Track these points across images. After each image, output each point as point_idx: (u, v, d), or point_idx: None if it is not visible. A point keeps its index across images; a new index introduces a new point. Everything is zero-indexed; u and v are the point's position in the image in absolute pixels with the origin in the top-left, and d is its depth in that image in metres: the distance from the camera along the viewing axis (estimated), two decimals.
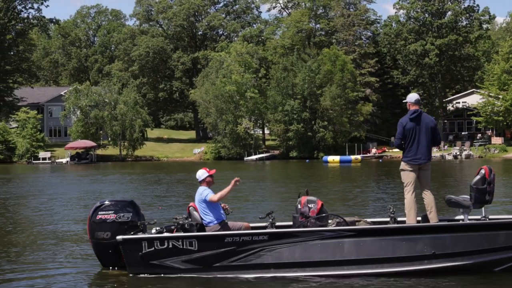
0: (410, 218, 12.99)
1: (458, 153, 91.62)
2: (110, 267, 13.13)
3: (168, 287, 11.98)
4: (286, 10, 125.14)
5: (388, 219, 13.47)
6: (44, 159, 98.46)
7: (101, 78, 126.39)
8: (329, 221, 13.22)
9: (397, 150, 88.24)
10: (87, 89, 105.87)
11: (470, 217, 13.26)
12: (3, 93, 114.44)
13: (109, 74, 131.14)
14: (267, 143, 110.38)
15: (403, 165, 13.22)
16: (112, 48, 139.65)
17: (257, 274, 12.36)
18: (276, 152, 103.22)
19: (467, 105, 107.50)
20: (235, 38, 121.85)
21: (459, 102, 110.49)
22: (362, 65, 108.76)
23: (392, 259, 12.33)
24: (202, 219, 12.98)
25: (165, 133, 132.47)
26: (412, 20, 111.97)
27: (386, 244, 12.32)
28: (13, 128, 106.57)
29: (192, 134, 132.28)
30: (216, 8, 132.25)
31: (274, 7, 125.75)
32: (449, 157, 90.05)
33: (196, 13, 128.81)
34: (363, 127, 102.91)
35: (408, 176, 13.16)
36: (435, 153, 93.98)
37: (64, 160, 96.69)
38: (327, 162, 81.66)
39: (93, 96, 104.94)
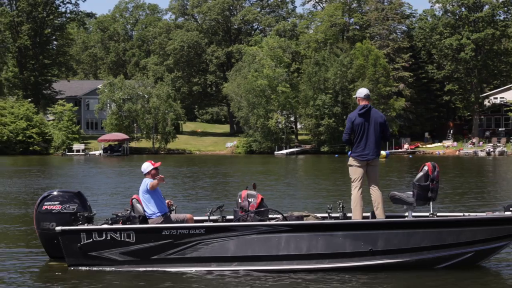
0: (356, 214, 12.96)
1: (491, 149, 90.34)
2: (55, 258, 13.24)
3: (103, 279, 12.06)
4: (321, 4, 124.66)
5: (338, 215, 13.44)
6: (78, 151, 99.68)
7: (138, 72, 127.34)
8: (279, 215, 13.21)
9: (430, 145, 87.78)
10: (121, 83, 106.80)
11: (416, 214, 13.19)
12: (41, 86, 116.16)
13: (145, 68, 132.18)
14: (299, 137, 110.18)
15: (351, 161, 13.19)
16: (149, 42, 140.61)
17: (194, 268, 12.44)
18: (308, 146, 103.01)
19: (504, 101, 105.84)
20: (270, 32, 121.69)
21: (496, 98, 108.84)
22: (395, 59, 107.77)
23: (328, 255, 12.31)
24: (144, 211, 13.04)
25: (199, 127, 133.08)
26: (448, 14, 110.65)
27: (322, 239, 12.29)
28: (50, 120, 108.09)
29: (226, 128, 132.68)
30: (251, 2, 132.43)
31: (308, 1, 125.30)
32: (482, 154, 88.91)
33: (231, 7, 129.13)
34: (395, 122, 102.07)
35: (355, 172, 13.13)
36: (469, 149, 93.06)
37: (97, 153, 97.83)
38: None
39: (127, 89, 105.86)
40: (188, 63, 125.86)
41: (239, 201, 13.03)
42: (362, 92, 13.34)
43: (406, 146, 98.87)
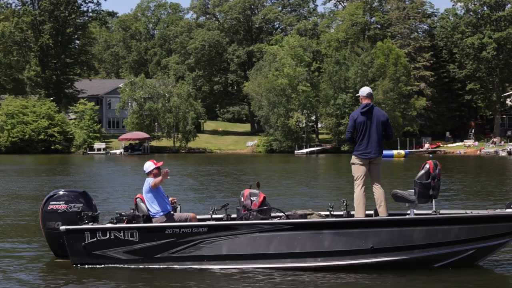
0: (359, 212, 12.99)
1: None
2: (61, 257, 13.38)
3: (108, 277, 12.18)
4: (342, 3, 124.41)
5: (342, 213, 13.51)
6: (99, 149, 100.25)
7: (159, 71, 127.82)
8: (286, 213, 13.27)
9: (451, 145, 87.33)
10: (142, 82, 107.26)
11: (419, 211, 13.22)
12: (63, 85, 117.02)
13: (166, 67, 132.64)
14: (320, 136, 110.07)
15: (353, 159, 13.23)
16: (170, 41, 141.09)
17: (197, 266, 12.51)
18: (328, 145, 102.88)
19: None
20: (291, 32, 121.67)
21: None
22: (417, 58, 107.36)
23: (329, 252, 12.35)
24: (148, 210, 13.15)
25: (221, 126, 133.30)
26: (470, 13, 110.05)
27: (323, 237, 12.34)
28: (71, 119, 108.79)
29: (247, 127, 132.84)
30: (272, 1, 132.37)
31: (329, 0, 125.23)
32: (503, 153, 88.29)
33: (252, 6, 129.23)
34: (416, 122, 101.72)
35: (358, 170, 13.15)
36: (490, 149, 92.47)
37: (118, 151, 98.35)
38: None
39: (148, 88, 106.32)
40: (209, 62, 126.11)
41: (242, 199, 13.12)
42: (364, 90, 13.33)
43: (426, 145, 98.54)
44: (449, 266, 12.47)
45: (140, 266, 12.62)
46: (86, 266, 12.74)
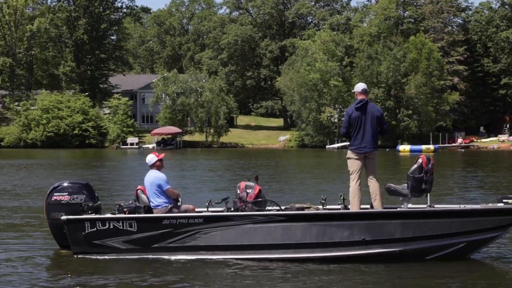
0: (354, 205, 13.19)
1: None
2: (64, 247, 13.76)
3: (107, 266, 12.53)
4: None
5: (339, 206, 13.75)
6: (132, 144, 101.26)
7: (193, 66, 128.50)
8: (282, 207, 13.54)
9: (485, 140, 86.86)
10: (174, 77, 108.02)
11: (414, 206, 13.41)
12: (97, 80, 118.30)
13: (199, 62, 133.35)
14: None
15: (349, 154, 13.42)
16: (204, 36, 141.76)
17: (194, 256, 12.81)
18: None
19: None
20: (323, 26, 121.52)
21: None
22: (450, 53, 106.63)
23: (322, 244, 12.59)
24: (150, 201, 13.49)
25: (254, 120, 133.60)
26: (505, 6, 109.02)
27: (316, 229, 12.59)
28: (106, 114, 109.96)
29: (280, 121, 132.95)
30: None
31: None
32: None
33: (285, 1, 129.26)
34: (449, 116, 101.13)
35: (353, 164, 13.34)
36: None
37: (150, 146, 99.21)
38: (399, 151, 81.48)
39: (180, 83, 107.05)
40: (242, 57, 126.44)
41: (238, 192, 13.40)
42: (359, 86, 13.55)
43: (459, 140, 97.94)
44: (441, 259, 12.63)
45: (138, 256, 12.93)
46: (87, 255, 13.09)
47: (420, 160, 12.97)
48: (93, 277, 11.68)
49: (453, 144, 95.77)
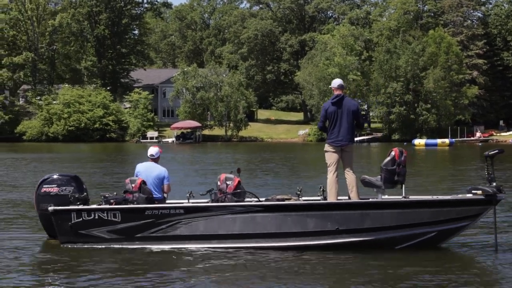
0: (330, 196, 13.69)
1: None
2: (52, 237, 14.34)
3: (92, 255, 13.10)
4: None
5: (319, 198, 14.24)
6: (151, 138, 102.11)
7: (213, 60, 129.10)
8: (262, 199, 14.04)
9: (505, 134, 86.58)
10: (194, 71, 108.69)
11: (389, 197, 13.86)
12: (118, 75, 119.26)
13: (220, 56, 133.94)
14: (372, 125, 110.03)
15: (326, 147, 13.91)
16: (225, 31, 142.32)
17: (175, 245, 13.38)
18: (379, 134, 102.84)
19: None
20: (343, 20, 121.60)
21: None
22: (469, 47, 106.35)
23: (297, 233, 13.13)
24: (154, 193, 14.09)
25: (274, 115, 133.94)
26: None
27: (292, 219, 13.12)
28: (126, 108, 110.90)
29: (300, 116, 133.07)
30: None
31: None
32: None
33: None
34: (468, 110, 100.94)
35: (330, 157, 13.83)
36: None
37: (170, 140, 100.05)
38: (414, 145, 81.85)
39: (200, 77, 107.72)
40: (262, 52, 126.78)
41: (218, 183, 13.93)
42: (336, 82, 14.12)
43: (478, 134, 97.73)
44: (412, 248, 13.10)
45: (122, 245, 13.51)
46: (73, 245, 13.66)
47: (392, 153, 13.44)
48: (78, 266, 12.23)
49: (472, 138, 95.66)
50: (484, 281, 11.09)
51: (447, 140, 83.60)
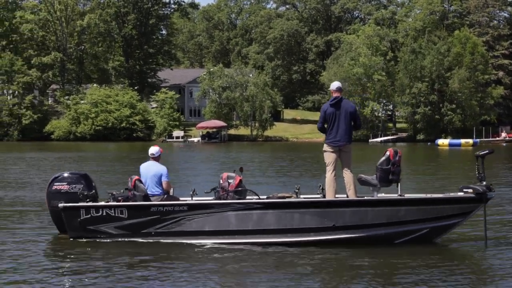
0: (329, 194, 14.24)
1: None
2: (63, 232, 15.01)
3: (99, 249, 13.76)
4: None
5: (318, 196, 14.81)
6: (177, 137, 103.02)
7: (240, 60, 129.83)
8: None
9: None
10: (220, 71, 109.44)
11: (385, 195, 14.39)
12: (145, 74, 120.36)
13: (246, 56, 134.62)
14: (398, 125, 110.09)
15: (325, 147, 14.46)
16: (252, 31, 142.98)
17: (179, 240, 14.02)
18: (404, 134, 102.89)
19: None
20: (369, 21, 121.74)
21: None
22: (495, 47, 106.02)
23: (295, 229, 13.75)
24: (149, 190, 14.71)
25: (300, 114, 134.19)
26: None
27: (290, 216, 13.73)
28: (153, 108, 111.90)
29: None
30: None
31: None
32: None
33: None
34: (494, 111, 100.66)
35: (329, 157, 14.39)
36: None
37: (195, 139, 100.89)
38: (437, 145, 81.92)
39: (226, 77, 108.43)
40: (288, 52, 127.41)
41: (221, 182, 14.54)
42: (334, 85, 14.62)
43: (503, 134, 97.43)
44: (407, 243, 13.69)
45: (128, 240, 14.17)
46: (82, 239, 14.33)
47: (387, 153, 13.98)
48: (86, 259, 12.88)
49: (497, 138, 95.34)
50: (475, 274, 11.60)
51: (470, 141, 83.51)
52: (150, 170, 14.93)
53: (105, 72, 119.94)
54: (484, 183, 13.47)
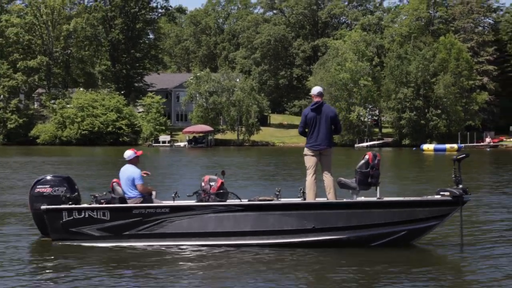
0: (309, 197, 14.44)
1: None
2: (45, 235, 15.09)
3: (81, 252, 13.89)
4: None
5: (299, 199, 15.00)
6: (164, 142, 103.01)
7: (227, 65, 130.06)
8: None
9: None
10: (207, 76, 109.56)
11: (364, 198, 14.60)
12: (132, 79, 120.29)
13: (233, 61, 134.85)
14: (384, 130, 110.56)
15: (305, 151, 14.65)
16: (239, 36, 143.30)
17: (161, 242, 14.16)
18: (390, 139, 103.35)
19: None
20: (356, 26, 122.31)
21: None
22: (480, 53, 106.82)
23: (276, 231, 13.92)
24: (125, 193, 14.85)
25: (287, 119, 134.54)
26: None
27: (271, 218, 13.92)
28: (140, 112, 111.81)
29: None
30: None
31: None
32: None
33: (318, 1, 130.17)
34: (479, 116, 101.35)
35: (309, 160, 14.58)
36: None
37: (182, 144, 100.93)
38: (423, 150, 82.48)
39: (212, 82, 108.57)
40: (275, 57, 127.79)
41: (202, 184, 14.70)
42: (315, 90, 14.78)
43: (488, 139, 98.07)
44: (385, 245, 13.89)
45: (111, 242, 14.27)
46: (64, 242, 14.41)
47: (366, 157, 14.20)
48: (67, 261, 12.97)
49: (481, 144, 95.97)
50: (451, 275, 11.84)
51: (455, 146, 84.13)
52: (124, 173, 15.03)
53: (92, 76, 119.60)
54: (461, 186, 13.69)
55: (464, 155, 13.90)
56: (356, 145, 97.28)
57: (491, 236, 15.63)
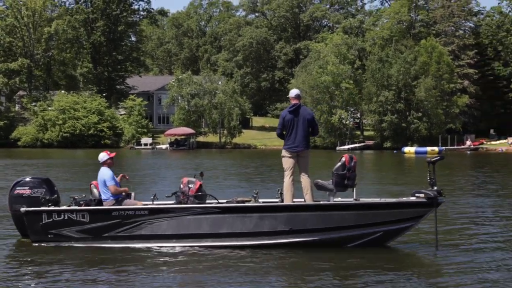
0: (286, 199, 14.60)
1: None
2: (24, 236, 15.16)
3: (61, 253, 13.97)
4: (388, 1, 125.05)
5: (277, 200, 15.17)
6: (145, 144, 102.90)
7: (209, 68, 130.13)
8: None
9: (495, 142, 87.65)
10: (189, 79, 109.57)
11: (341, 199, 14.78)
12: (114, 81, 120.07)
13: (216, 63, 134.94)
14: (366, 133, 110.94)
15: (283, 152, 14.82)
16: (221, 38, 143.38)
17: (140, 244, 14.28)
18: (371, 142, 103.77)
19: None
20: (337, 29, 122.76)
21: None
22: (461, 56, 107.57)
23: (253, 233, 14.08)
24: (100, 195, 14.97)
25: (269, 122, 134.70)
26: None
27: (248, 220, 14.06)
28: (121, 115, 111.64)
29: None
30: None
31: None
32: None
33: (300, 4, 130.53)
34: (459, 119, 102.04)
35: (287, 162, 14.75)
36: None
37: (164, 146, 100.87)
38: (404, 152, 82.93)
39: (194, 85, 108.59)
40: (257, 59, 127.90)
41: (181, 186, 14.84)
42: (293, 92, 14.99)
43: (468, 142, 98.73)
44: (360, 247, 14.07)
45: (90, 244, 14.37)
46: (44, 243, 14.51)
47: (343, 159, 14.41)
48: (46, 263, 13.04)
49: (462, 146, 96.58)
50: (425, 276, 12.01)
51: (436, 148, 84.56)
52: (99, 176, 15.15)
53: (73, 79, 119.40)
54: (436, 188, 13.89)
55: (439, 157, 14.12)
56: (337, 148, 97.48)
57: (465, 236, 15.91)
